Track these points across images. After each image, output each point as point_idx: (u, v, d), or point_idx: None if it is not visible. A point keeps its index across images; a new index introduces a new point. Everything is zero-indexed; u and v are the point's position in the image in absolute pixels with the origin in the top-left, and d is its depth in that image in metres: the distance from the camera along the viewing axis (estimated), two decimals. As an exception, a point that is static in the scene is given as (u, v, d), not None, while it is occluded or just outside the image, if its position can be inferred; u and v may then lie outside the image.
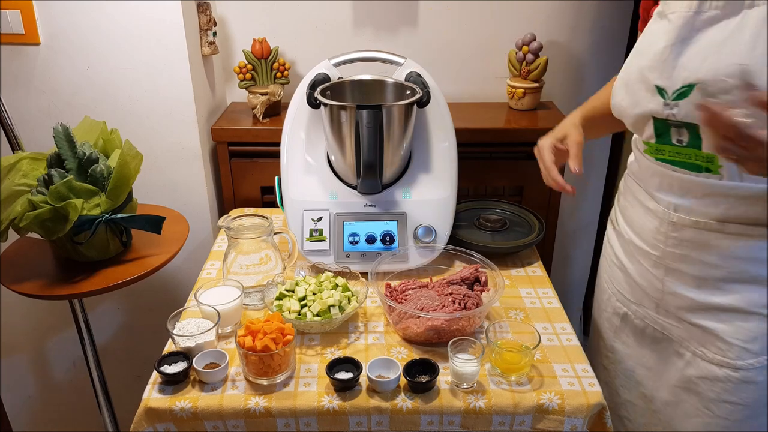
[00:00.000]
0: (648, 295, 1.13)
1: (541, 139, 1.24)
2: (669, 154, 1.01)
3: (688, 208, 1.00)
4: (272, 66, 1.71)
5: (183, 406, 1.00)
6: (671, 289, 1.07)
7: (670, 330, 1.11)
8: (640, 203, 1.11)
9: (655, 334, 1.14)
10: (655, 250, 1.08)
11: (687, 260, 1.03)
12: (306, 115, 1.37)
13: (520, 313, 1.24)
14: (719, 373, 1.03)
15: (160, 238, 1.39)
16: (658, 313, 1.12)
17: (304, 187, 1.37)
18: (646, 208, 1.09)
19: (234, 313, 1.17)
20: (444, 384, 1.04)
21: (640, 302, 1.16)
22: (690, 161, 0.98)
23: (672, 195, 1.03)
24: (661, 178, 1.04)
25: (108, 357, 1.77)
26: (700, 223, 0.99)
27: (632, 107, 1.03)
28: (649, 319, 1.15)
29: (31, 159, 1.32)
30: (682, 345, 1.09)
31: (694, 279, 1.03)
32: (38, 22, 1.50)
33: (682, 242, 1.03)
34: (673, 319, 1.09)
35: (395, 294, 1.21)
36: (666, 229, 1.04)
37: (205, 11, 1.61)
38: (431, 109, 1.36)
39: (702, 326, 1.04)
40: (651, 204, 1.07)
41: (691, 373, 1.08)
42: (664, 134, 1.00)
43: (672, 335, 1.11)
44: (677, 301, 1.07)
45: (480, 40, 1.79)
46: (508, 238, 1.45)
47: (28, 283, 1.27)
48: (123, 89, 1.57)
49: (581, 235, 2.10)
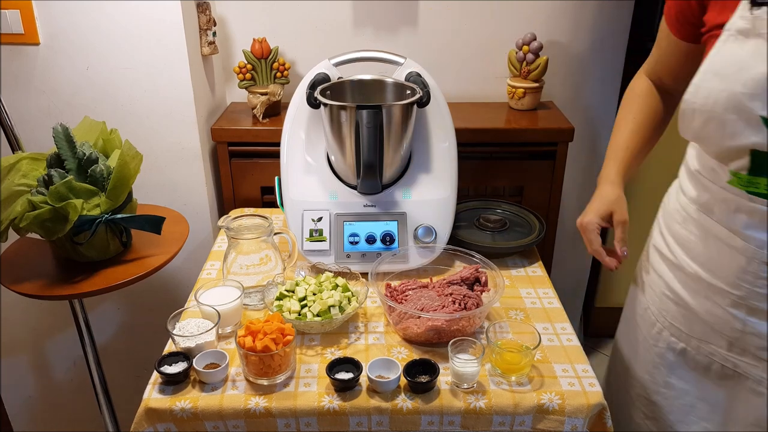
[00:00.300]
0: (719, 332, 1.05)
1: (584, 215, 1.16)
2: (766, 188, 0.91)
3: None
4: (272, 66, 1.71)
5: (183, 406, 1.00)
6: (755, 330, 1.00)
7: (745, 368, 1.04)
8: (717, 239, 1.01)
9: (724, 371, 1.07)
10: (738, 289, 0.99)
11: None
12: (306, 115, 1.37)
13: (521, 313, 1.24)
14: None
15: (160, 238, 1.39)
16: (731, 351, 1.05)
17: (304, 188, 1.37)
18: (728, 246, 0.99)
19: (234, 314, 1.16)
20: (444, 384, 1.04)
21: (705, 338, 1.08)
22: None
23: (764, 233, 0.94)
24: (750, 215, 0.95)
25: (108, 357, 1.77)
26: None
27: (725, 139, 0.92)
28: (717, 357, 1.07)
29: (30, 159, 1.32)
30: (761, 384, 1.03)
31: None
32: (38, 22, 1.50)
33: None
34: (750, 357, 1.03)
35: (395, 294, 1.21)
36: (756, 268, 0.96)
37: (204, 11, 1.61)
38: (431, 109, 1.36)
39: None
40: (736, 242, 0.98)
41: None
42: (761, 167, 0.91)
43: (747, 373, 1.04)
44: (760, 342, 1.00)
45: (480, 40, 1.79)
46: (509, 238, 1.45)
47: (28, 283, 1.27)
48: (123, 89, 1.57)
49: (581, 235, 2.10)
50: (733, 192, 0.96)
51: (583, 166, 1.96)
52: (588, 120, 1.91)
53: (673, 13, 1.06)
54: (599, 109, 1.91)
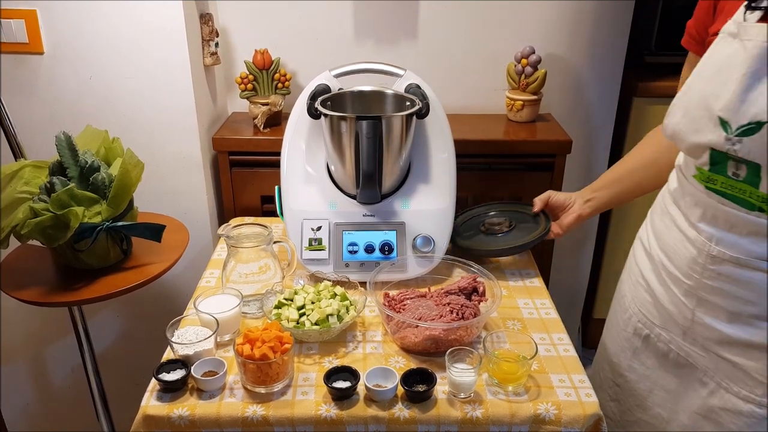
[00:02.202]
0: (676, 321, 1.09)
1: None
2: (721, 185, 0.95)
3: (730, 244, 0.96)
4: (273, 77, 1.72)
5: (181, 413, 1.00)
6: (702, 320, 1.03)
7: (695, 358, 1.07)
8: (678, 230, 1.06)
9: (679, 360, 1.11)
10: (689, 279, 1.03)
11: (722, 294, 0.99)
12: (306, 126, 1.38)
13: (518, 323, 1.24)
14: (744, 408, 1.01)
15: (160, 246, 1.39)
16: (685, 340, 1.08)
17: (304, 197, 1.37)
18: (684, 236, 1.04)
19: (233, 322, 1.17)
20: (441, 393, 1.04)
21: (666, 327, 1.12)
22: (743, 197, 0.92)
23: (715, 228, 0.98)
24: (705, 209, 0.99)
25: (107, 364, 1.77)
26: (742, 260, 0.95)
27: (690, 134, 0.97)
28: (674, 345, 1.11)
29: (33, 167, 1.33)
30: (707, 374, 1.06)
31: (727, 313, 1.00)
32: (42, 31, 1.52)
33: (719, 276, 0.98)
34: (699, 348, 1.06)
35: (393, 303, 1.21)
36: (704, 260, 1.00)
37: (207, 22, 1.63)
38: (430, 120, 1.37)
39: (730, 360, 1.01)
40: (691, 233, 1.02)
41: (714, 402, 1.05)
42: (720, 164, 0.94)
43: (697, 363, 1.07)
44: (706, 333, 1.04)
45: (479, 53, 1.81)
46: (521, 237, 1.42)
47: (28, 289, 1.28)
48: (125, 98, 1.59)
49: (579, 247, 2.11)
50: (696, 186, 1.00)
51: (580, 179, 1.97)
52: (586, 132, 1.93)
53: (694, 32, 1.08)
54: (597, 121, 1.93)
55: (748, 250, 0.94)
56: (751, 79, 0.87)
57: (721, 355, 1.02)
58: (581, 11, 1.78)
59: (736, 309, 0.98)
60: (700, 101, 0.94)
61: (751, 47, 0.87)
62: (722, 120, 0.90)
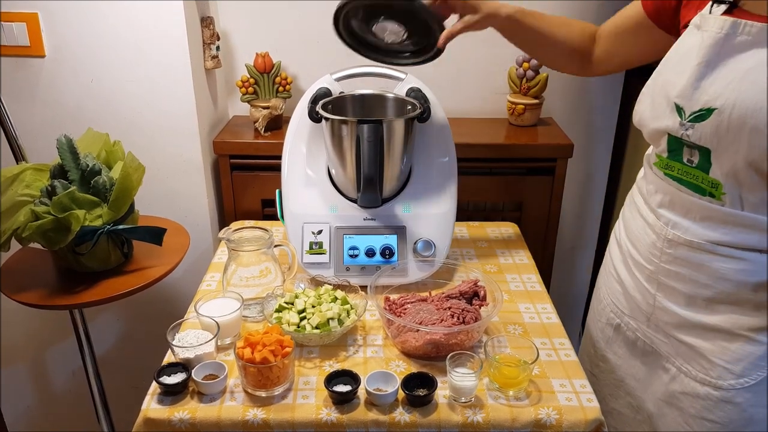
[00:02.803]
0: (640, 308, 1.14)
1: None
2: (678, 172, 1.01)
3: (685, 228, 1.01)
4: (274, 80, 1.72)
5: (181, 417, 1.00)
6: (662, 305, 1.08)
7: (658, 345, 1.12)
8: (641, 217, 1.12)
9: (645, 347, 1.15)
10: (650, 264, 1.09)
11: (679, 277, 1.04)
12: (307, 129, 1.38)
13: (519, 328, 1.24)
14: (701, 390, 1.05)
15: (160, 249, 1.39)
16: (648, 326, 1.13)
17: (305, 200, 1.37)
18: (645, 222, 1.10)
19: (233, 325, 1.17)
20: (442, 398, 1.04)
21: (633, 315, 1.17)
22: (696, 183, 0.98)
23: (672, 213, 1.03)
24: (664, 195, 1.05)
25: (107, 367, 1.77)
26: (695, 243, 1.00)
27: (651, 120, 1.03)
28: (640, 332, 1.16)
29: (34, 170, 1.33)
30: (669, 360, 1.10)
31: (684, 297, 1.04)
32: (44, 34, 1.52)
33: (675, 259, 1.03)
34: (661, 334, 1.11)
35: (394, 307, 1.21)
36: (662, 244, 1.05)
37: (208, 25, 1.63)
38: (432, 124, 1.37)
39: (688, 343, 1.06)
40: (651, 218, 1.08)
41: (675, 388, 1.09)
42: (676, 151, 1.00)
43: (660, 350, 1.12)
44: (666, 317, 1.08)
45: (480, 57, 1.81)
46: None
47: (29, 292, 1.28)
48: (126, 102, 1.59)
49: (581, 250, 2.11)
50: (656, 173, 1.06)
51: (582, 182, 1.97)
52: (587, 136, 1.93)
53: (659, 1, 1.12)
54: (598, 125, 1.93)
55: (701, 234, 0.99)
56: (705, 67, 0.92)
57: (680, 339, 1.07)
58: (583, 15, 1.77)
59: (692, 292, 1.03)
60: (662, 89, 1.00)
61: (707, 37, 0.93)
62: (677, 106, 0.96)
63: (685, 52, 0.97)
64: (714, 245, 0.98)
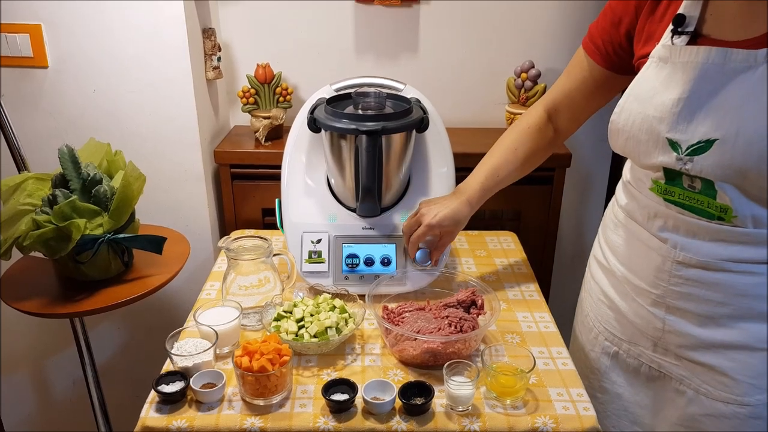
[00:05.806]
0: (644, 333, 1.10)
1: (429, 217, 1.23)
2: (679, 197, 0.98)
3: (696, 249, 0.98)
4: (275, 91, 1.74)
5: (180, 425, 1.01)
6: (672, 328, 1.05)
7: (668, 368, 1.09)
8: (640, 242, 1.07)
9: (651, 373, 1.12)
10: (656, 288, 1.05)
11: (691, 298, 1.01)
12: (307, 139, 1.39)
13: (516, 336, 1.25)
14: (725, 410, 1.02)
15: (161, 258, 1.40)
16: (656, 351, 1.10)
17: (304, 210, 1.38)
18: (647, 246, 1.05)
19: (232, 334, 1.17)
20: (439, 407, 1.04)
21: (634, 340, 1.13)
22: (702, 208, 0.95)
23: (677, 235, 1.00)
24: (665, 219, 1.02)
25: (107, 376, 1.77)
26: (710, 264, 0.97)
27: (640, 156, 1.00)
28: (644, 358, 1.12)
29: (36, 179, 1.34)
30: (683, 383, 1.07)
31: (698, 317, 1.01)
32: (47, 45, 1.53)
33: (687, 281, 1.00)
34: (671, 357, 1.07)
35: (392, 316, 1.22)
36: (669, 267, 1.01)
37: (210, 36, 1.65)
38: (430, 134, 1.38)
39: (706, 364, 1.02)
40: (654, 243, 1.04)
41: (694, 410, 1.06)
42: (675, 179, 0.97)
43: (671, 373, 1.09)
44: (679, 339, 1.05)
45: (479, 67, 1.82)
46: None
47: (29, 301, 1.29)
48: (128, 112, 1.60)
49: (580, 261, 2.10)
50: (653, 199, 1.03)
51: (580, 192, 1.98)
52: (585, 146, 1.93)
53: (600, 42, 1.11)
54: (596, 135, 1.93)
55: (714, 252, 0.96)
56: (694, 99, 0.90)
57: (696, 360, 1.04)
58: (581, 26, 1.79)
59: (707, 312, 1.00)
60: (643, 124, 0.97)
61: (689, 69, 0.91)
62: (671, 141, 0.93)
63: (661, 86, 0.95)
64: (729, 263, 0.95)
